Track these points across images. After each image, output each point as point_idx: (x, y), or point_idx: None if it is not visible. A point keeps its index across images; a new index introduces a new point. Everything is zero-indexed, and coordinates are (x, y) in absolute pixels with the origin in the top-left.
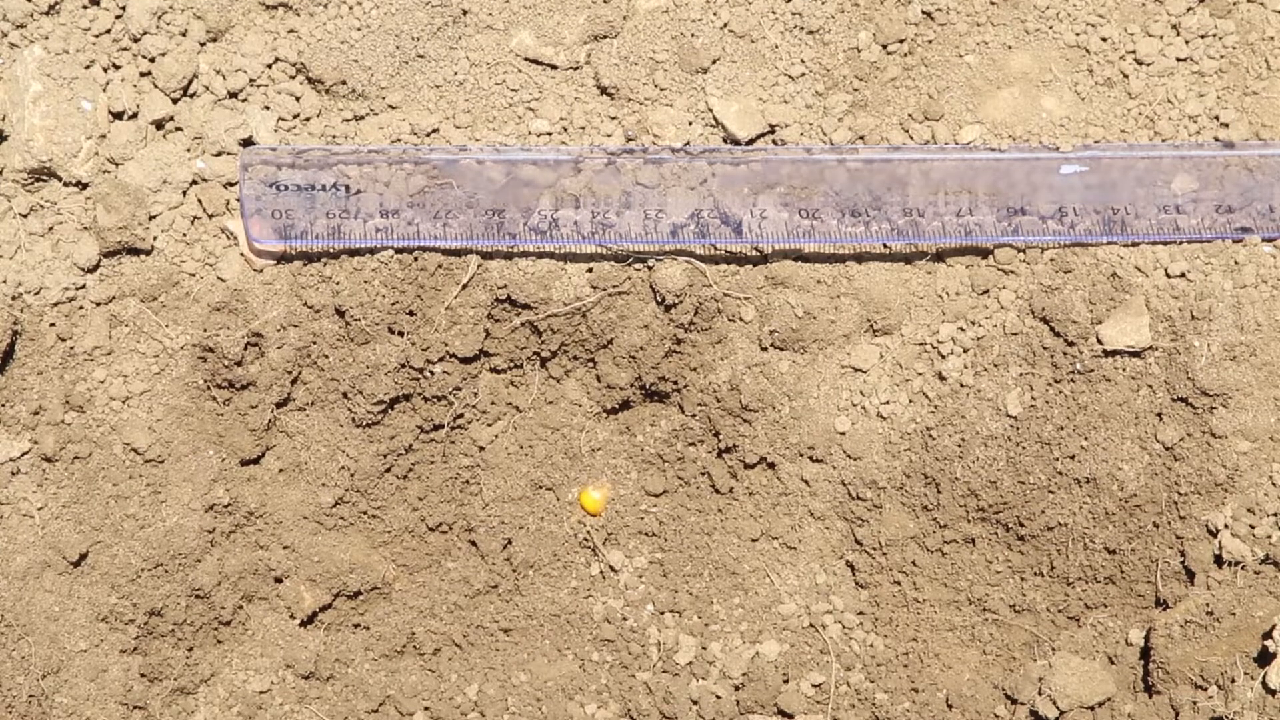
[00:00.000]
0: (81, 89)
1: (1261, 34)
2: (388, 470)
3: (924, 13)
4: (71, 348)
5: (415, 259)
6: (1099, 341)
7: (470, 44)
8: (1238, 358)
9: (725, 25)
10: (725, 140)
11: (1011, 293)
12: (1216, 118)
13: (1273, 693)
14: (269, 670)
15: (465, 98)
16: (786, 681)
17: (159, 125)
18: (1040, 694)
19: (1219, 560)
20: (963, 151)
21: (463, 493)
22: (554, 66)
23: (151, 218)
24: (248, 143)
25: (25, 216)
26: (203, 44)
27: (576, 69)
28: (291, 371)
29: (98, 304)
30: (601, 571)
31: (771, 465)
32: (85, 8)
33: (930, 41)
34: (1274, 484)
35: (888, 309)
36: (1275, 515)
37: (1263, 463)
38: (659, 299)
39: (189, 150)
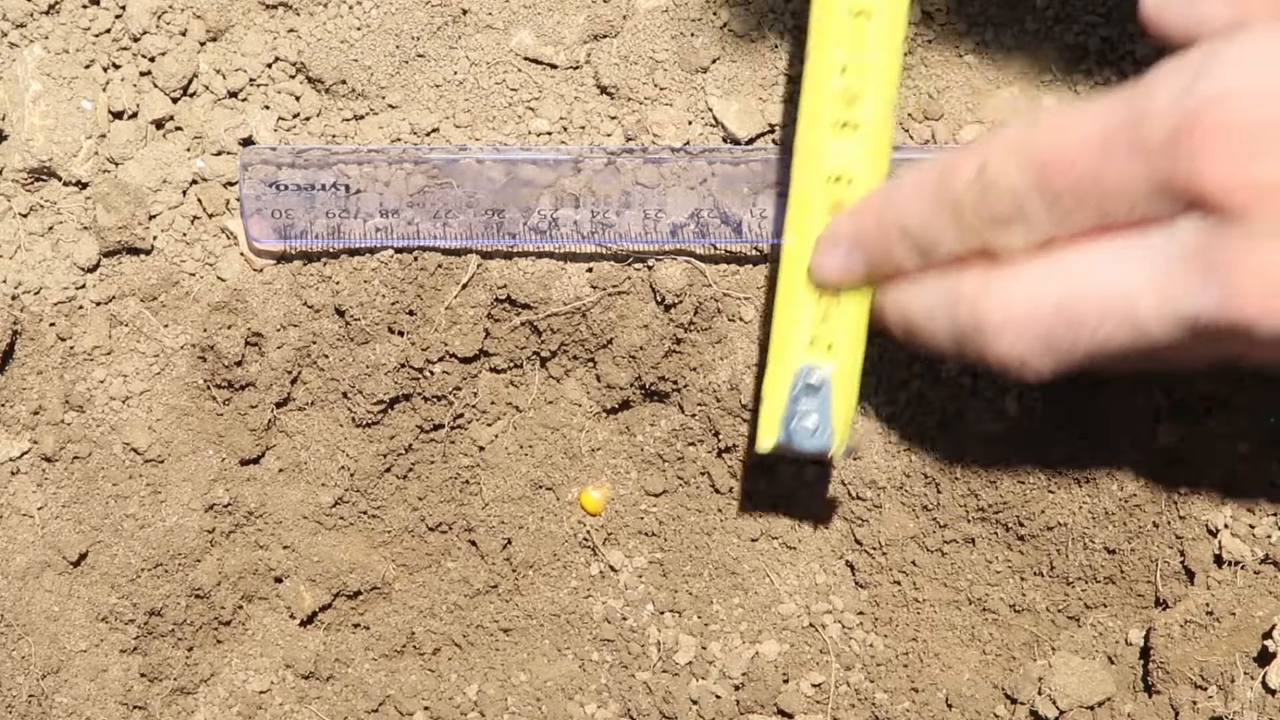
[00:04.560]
0: (81, 89)
1: None
2: (388, 470)
3: (924, 13)
4: (71, 348)
5: (415, 259)
6: None
7: (470, 43)
8: None
9: (725, 25)
10: (725, 140)
11: None
12: None
13: (1273, 693)
14: (269, 670)
15: (465, 97)
16: (786, 681)
17: (159, 125)
18: (1040, 694)
19: (1219, 560)
20: None
21: (463, 493)
22: (554, 66)
23: (151, 217)
24: (247, 142)
25: (25, 216)
26: (203, 44)
27: (576, 69)
28: (291, 371)
29: (98, 304)
30: (601, 571)
31: (771, 465)
32: (85, 7)
33: (930, 41)
34: (1274, 484)
35: None
36: (1275, 515)
37: (1263, 463)
38: (659, 299)
39: (189, 150)
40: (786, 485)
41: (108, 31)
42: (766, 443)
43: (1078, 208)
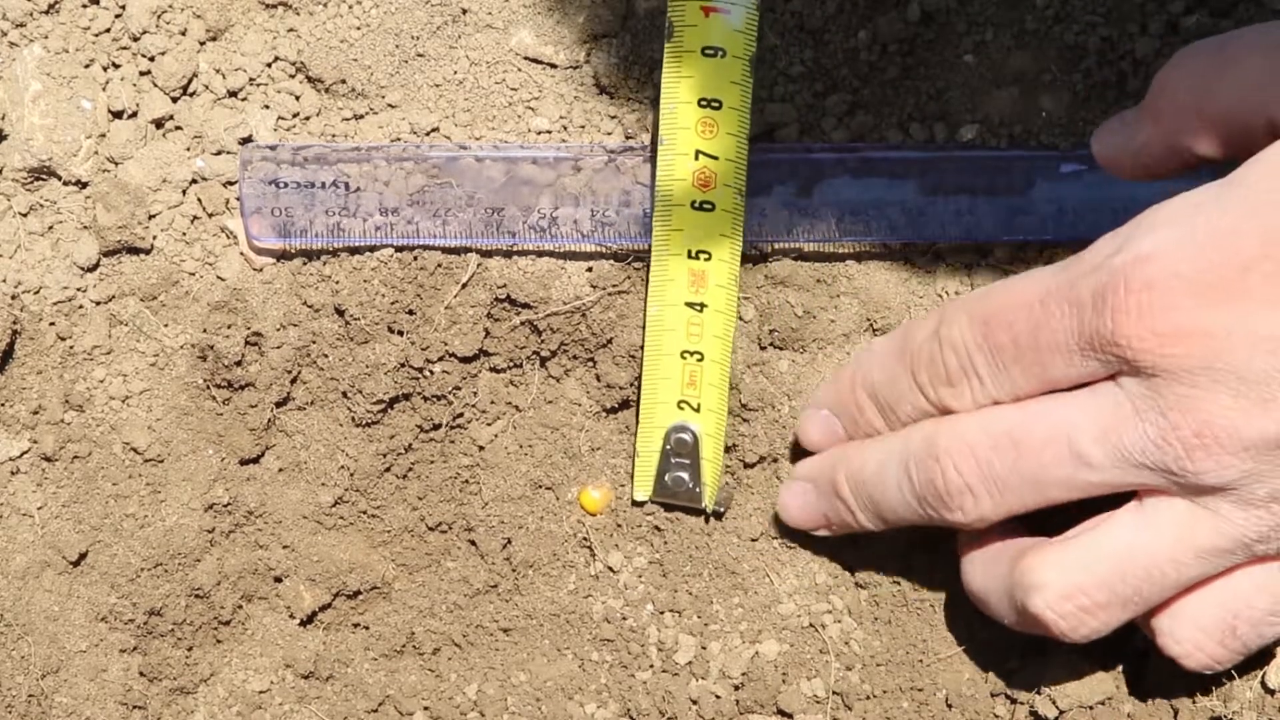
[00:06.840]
0: (81, 88)
1: None
2: (387, 470)
3: (923, 13)
4: (71, 347)
5: (415, 258)
6: None
7: (470, 43)
8: None
9: None
10: None
11: None
12: None
13: (1272, 693)
14: (269, 670)
15: (465, 96)
16: (786, 681)
17: (159, 124)
18: (1040, 694)
19: None
20: (962, 150)
21: (462, 492)
22: (554, 66)
23: (151, 217)
24: (247, 141)
25: (25, 216)
26: (202, 43)
27: (576, 68)
28: (291, 371)
29: (97, 303)
30: (601, 572)
31: (774, 461)
32: (85, 7)
33: (930, 42)
34: None
35: (887, 308)
36: None
37: None
38: None
39: (189, 149)
40: None
41: (107, 31)
42: (641, 495)
43: (1017, 362)
